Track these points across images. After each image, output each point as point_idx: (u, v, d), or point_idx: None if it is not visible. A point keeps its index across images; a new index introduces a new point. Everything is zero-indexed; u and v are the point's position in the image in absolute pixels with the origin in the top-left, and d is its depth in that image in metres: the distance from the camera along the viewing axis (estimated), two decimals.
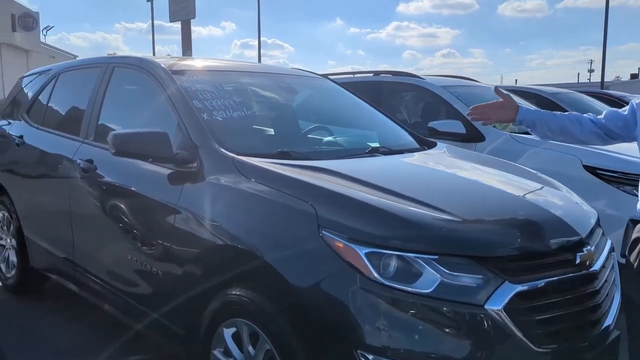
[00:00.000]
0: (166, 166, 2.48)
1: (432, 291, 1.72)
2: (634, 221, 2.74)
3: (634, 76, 41.01)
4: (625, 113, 2.26)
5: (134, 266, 2.61)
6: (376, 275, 1.75)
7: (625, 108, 2.30)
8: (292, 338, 1.87)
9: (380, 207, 1.92)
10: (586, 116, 2.35)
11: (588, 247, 2.03)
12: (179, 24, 13.85)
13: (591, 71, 57.96)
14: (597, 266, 2.05)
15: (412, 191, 2.08)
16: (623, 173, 3.72)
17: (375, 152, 2.80)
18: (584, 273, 1.97)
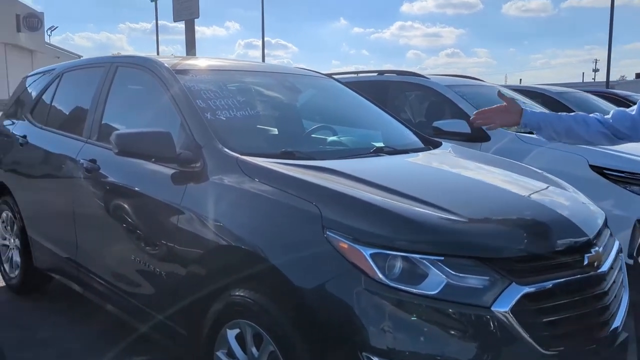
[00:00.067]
0: (169, 166, 2.47)
1: (438, 293, 1.70)
2: None
3: (639, 75, 40.80)
4: (633, 113, 2.23)
5: (137, 266, 2.60)
6: (381, 276, 1.73)
7: (633, 108, 2.27)
8: (296, 340, 1.85)
9: (385, 208, 1.90)
10: (593, 116, 2.31)
11: (596, 248, 2.00)
12: (183, 24, 13.89)
13: (596, 70, 57.91)
14: (606, 267, 2.03)
15: (418, 191, 2.06)
16: (630, 173, 3.69)
17: (379, 152, 2.78)
18: (592, 274, 1.95)
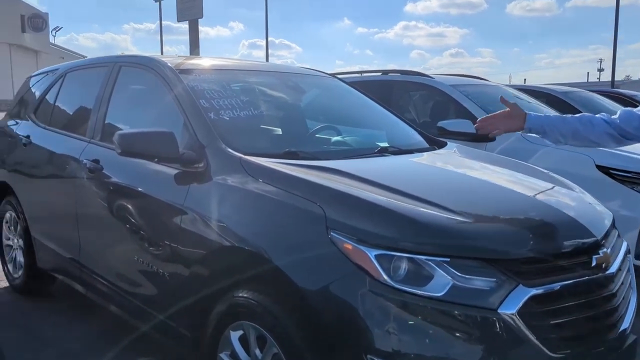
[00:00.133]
0: (172, 166, 2.45)
1: (444, 294, 1.68)
2: None
3: None
4: None
5: (140, 267, 2.59)
6: (386, 277, 1.71)
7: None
8: (300, 342, 1.83)
9: (390, 208, 1.88)
10: (599, 117, 2.28)
11: (604, 249, 1.98)
12: (187, 24, 13.90)
13: (601, 70, 57.64)
14: (614, 269, 2.00)
15: (423, 192, 2.04)
16: (637, 173, 3.67)
17: (384, 152, 2.76)
18: (600, 276, 1.92)
